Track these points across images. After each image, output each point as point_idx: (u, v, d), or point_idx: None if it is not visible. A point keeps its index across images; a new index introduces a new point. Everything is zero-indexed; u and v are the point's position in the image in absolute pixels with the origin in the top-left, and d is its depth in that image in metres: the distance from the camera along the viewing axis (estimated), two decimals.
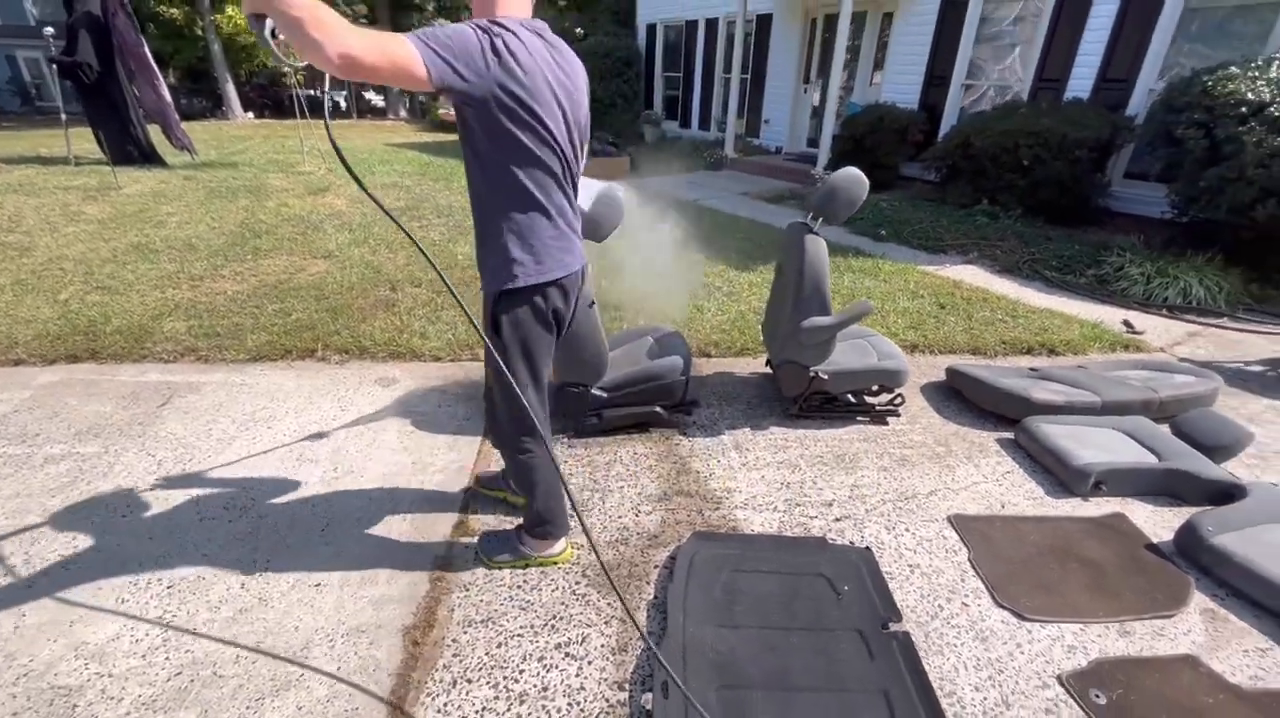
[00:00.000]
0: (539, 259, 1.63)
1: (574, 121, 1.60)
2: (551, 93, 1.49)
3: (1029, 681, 1.71)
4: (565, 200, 1.67)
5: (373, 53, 1.20)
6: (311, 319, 3.81)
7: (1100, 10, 6.65)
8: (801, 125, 10.58)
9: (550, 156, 1.56)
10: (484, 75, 1.37)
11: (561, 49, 1.56)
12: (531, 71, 1.43)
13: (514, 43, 1.40)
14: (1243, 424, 2.70)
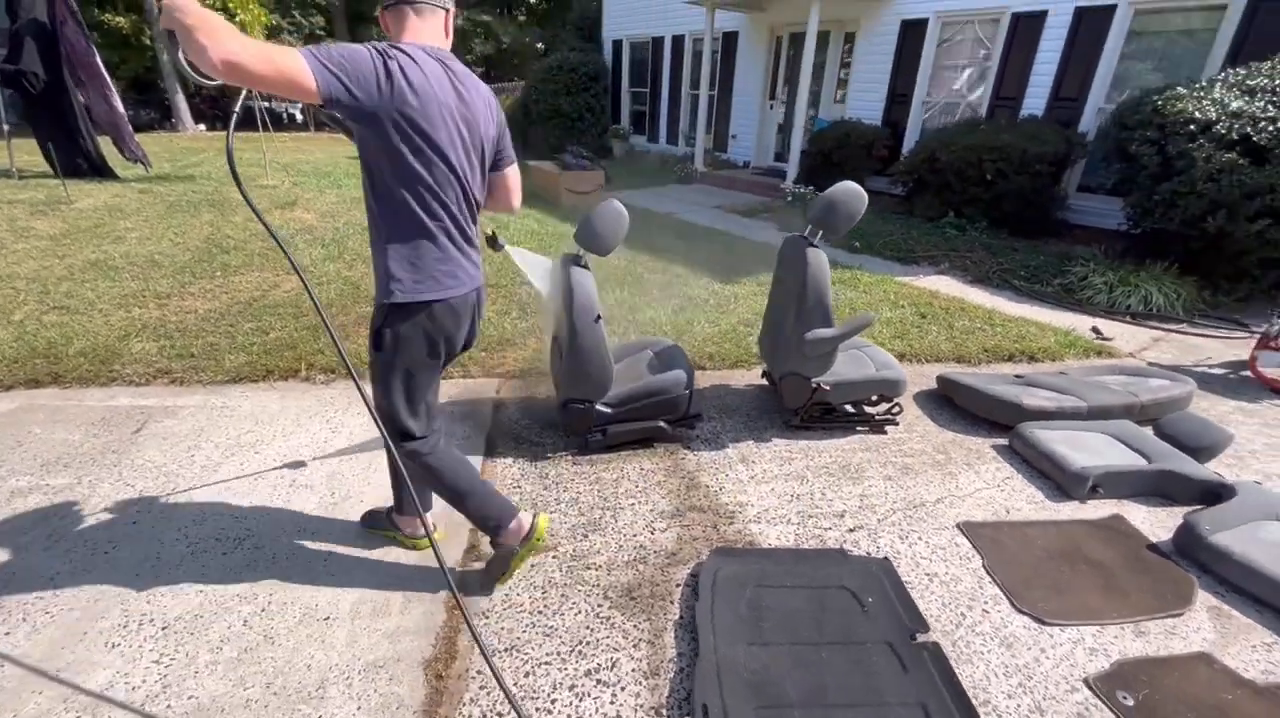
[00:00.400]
0: (418, 278, 1.66)
1: (471, 146, 1.67)
2: (444, 117, 1.56)
3: (1058, 685, 1.74)
4: (455, 223, 1.69)
5: (259, 61, 1.26)
6: (292, 338, 3.66)
7: (1051, 34, 7.02)
8: (768, 140, 10.79)
9: (439, 178, 1.61)
10: (374, 95, 1.43)
11: (464, 77, 1.63)
12: (424, 95, 1.50)
13: (409, 66, 1.48)
14: (1222, 426, 2.84)
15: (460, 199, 1.69)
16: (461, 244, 1.73)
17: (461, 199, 1.70)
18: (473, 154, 1.69)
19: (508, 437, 2.88)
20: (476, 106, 1.67)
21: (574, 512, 2.39)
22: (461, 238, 1.73)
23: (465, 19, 28.60)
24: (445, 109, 1.56)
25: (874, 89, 8.78)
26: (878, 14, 8.50)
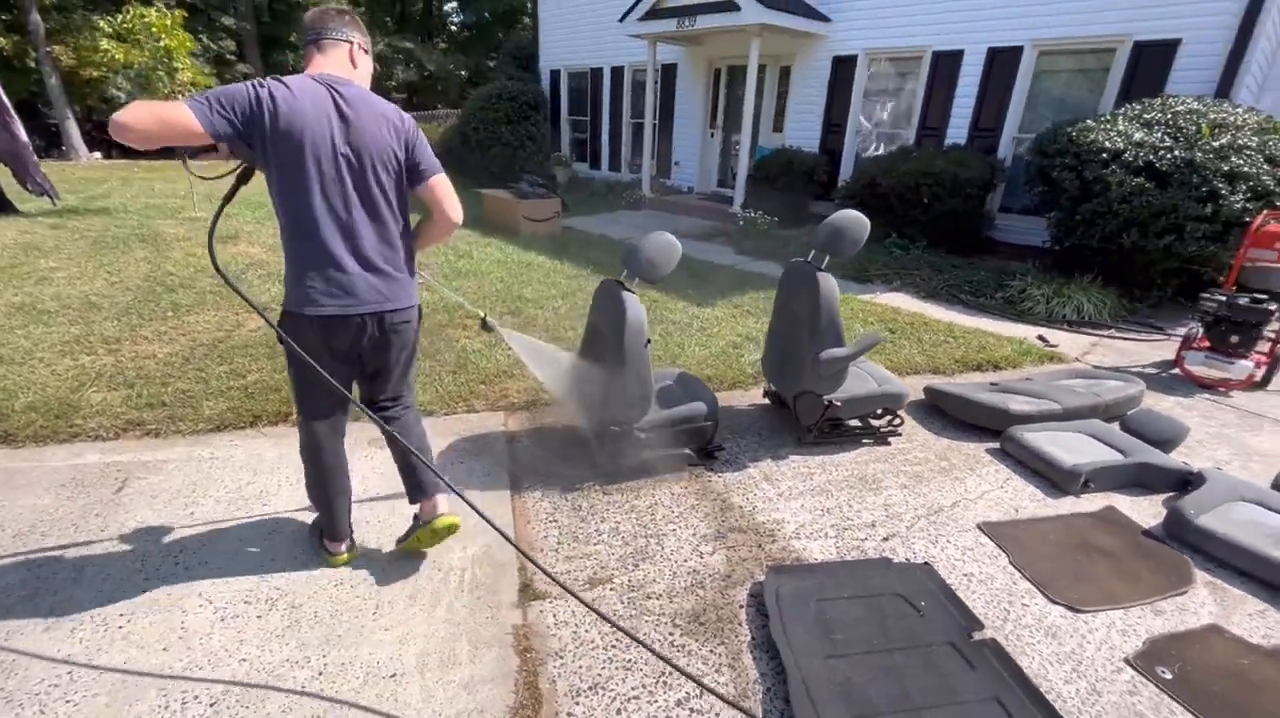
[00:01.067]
0: (295, 290, 1.82)
1: (359, 163, 1.78)
2: (318, 136, 1.70)
3: (1104, 667, 1.89)
4: (339, 245, 1.79)
5: (142, 117, 1.48)
6: (273, 380, 3.45)
7: (968, 71, 7.71)
8: (711, 167, 11.18)
9: (312, 200, 1.74)
10: (249, 120, 1.63)
11: (353, 99, 1.76)
12: (293, 115, 1.66)
13: (280, 91, 1.66)
14: (1177, 419, 3.19)
15: (355, 214, 1.80)
16: (348, 262, 1.81)
17: (356, 215, 1.80)
18: (362, 171, 1.79)
19: (529, 470, 2.83)
20: (365, 125, 1.77)
21: (618, 542, 2.38)
22: (352, 255, 1.82)
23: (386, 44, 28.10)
24: (319, 129, 1.70)
25: (810, 119, 9.32)
26: (811, 50, 9.06)
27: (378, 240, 1.86)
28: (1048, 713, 1.69)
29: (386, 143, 1.82)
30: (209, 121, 1.57)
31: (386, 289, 1.89)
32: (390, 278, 1.89)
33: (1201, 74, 6.21)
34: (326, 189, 1.76)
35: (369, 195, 1.83)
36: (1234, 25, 5.97)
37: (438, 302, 4.73)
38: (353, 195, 1.80)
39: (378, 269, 1.86)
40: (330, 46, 1.84)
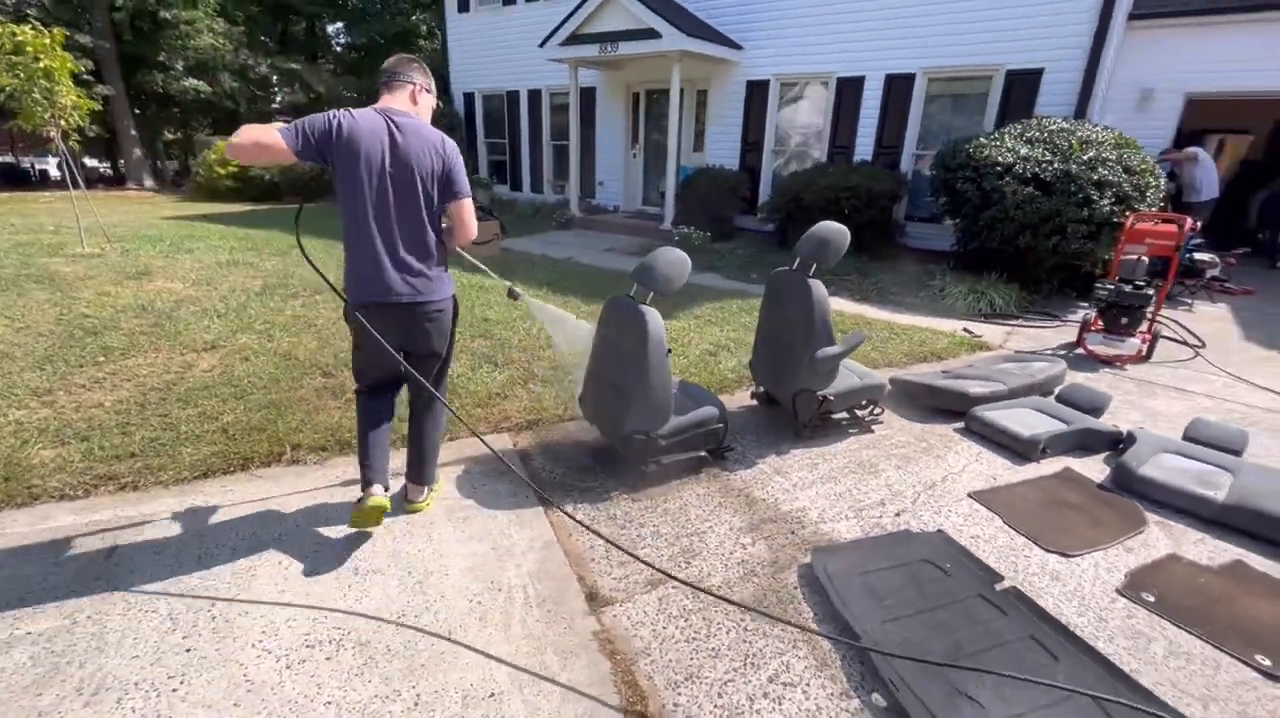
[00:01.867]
0: (347, 282, 2.24)
1: (403, 179, 2.12)
2: (371, 157, 2.07)
3: (1102, 599, 2.22)
4: (380, 246, 2.16)
5: (245, 143, 1.92)
6: (254, 419, 3.24)
7: (870, 95, 8.52)
8: (635, 186, 11.51)
9: (362, 206, 2.11)
10: (324, 141, 2.03)
11: (405, 128, 2.13)
12: (354, 139, 2.05)
13: (347, 120, 2.06)
14: (1100, 390, 3.73)
15: (397, 222, 2.16)
16: (385, 260, 2.17)
17: (398, 223, 2.16)
18: (403, 189, 2.14)
19: (552, 486, 2.87)
20: (411, 149, 2.12)
21: (663, 543, 2.47)
22: (389, 255, 2.17)
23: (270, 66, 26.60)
24: (372, 150, 2.07)
25: (729, 139, 9.87)
26: (726, 75, 9.63)
27: (413, 244, 2.21)
28: (1075, 642, 1.98)
29: (428, 165, 2.17)
30: (291, 142, 1.99)
31: (418, 284, 2.24)
32: (421, 275, 2.24)
33: (1062, 98, 7.26)
34: (374, 199, 2.13)
35: (408, 206, 2.18)
36: (1084, 57, 7.05)
37: None
38: (394, 206, 2.16)
39: (410, 268, 2.21)
40: (397, 87, 2.24)
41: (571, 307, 5.50)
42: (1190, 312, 6.41)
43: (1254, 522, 2.56)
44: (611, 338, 2.89)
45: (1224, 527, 2.63)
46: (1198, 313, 6.38)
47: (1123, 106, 7.55)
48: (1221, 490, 2.72)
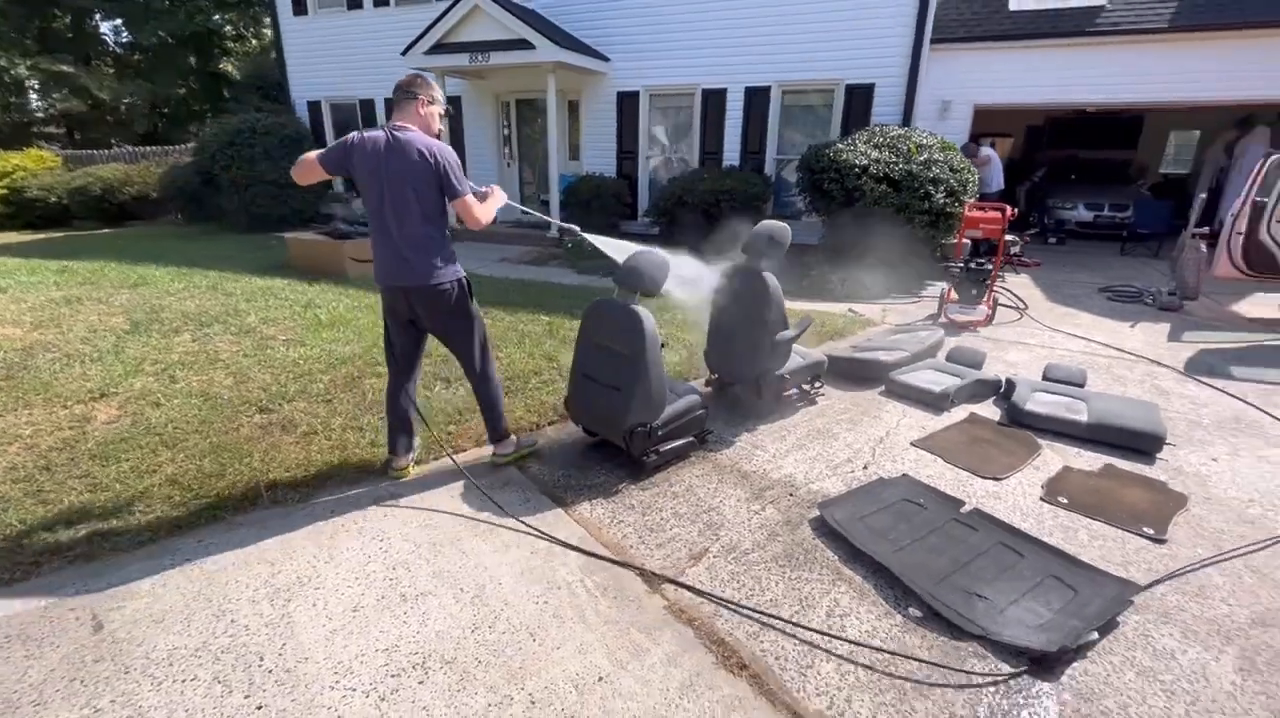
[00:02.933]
0: (375, 269, 2.75)
1: (402, 185, 2.53)
2: (373, 168, 2.52)
3: (1032, 507, 2.80)
4: (381, 234, 2.62)
5: (301, 168, 2.56)
6: (204, 466, 2.91)
7: (733, 105, 9.31)
8: (511, 196, 11.38)
9: (375, 204, 2.59)
10: (342, 160, 2.55)
11: (401, 142, 2.51)
12: (361, 155, 2.52)
13: (356, 139, 2.54)
14: (976, 349, 4.54)
15: (392, 219, 2.57)
16: (398, 248, 2.61)
17: (393, 219, 2.57)
18: (397, 189, 2.54)
19: (560, 487, 2.94)
20: (404, 157, 2.51)
21: (686, 523, 2.68)
22: (392, 246, 2.61)
23: (29, 68, 22.39)
24: (375, 161, 2.51)
25: (605, 148, 10.19)
26: (597, 86, 9.94)
27: (410, 237, 2.62)
28: (1031, 541, 2.51)
29: (418, 171, 2.55)
30: (325, 164, 2.57)
31: (418, 270, 2.65)
32: (419, 262, 2.64)
33: (892, 109, 8.52)
34: (379, 201, 2.58)
35: (403, 206, 2.57)
36: (905, 75, 8.33)
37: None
38: (392, 206, 2.57)
39: (404, 257, 2.63)
40: (404, 103, 2.63)
41: (502, 317, 5.44)
42: (1004, 283, 7.85)
43: (1111, 434, 3.36)
44: (602, 341, 3.02)
45: (1091, 442, 3.41)
46: (1010, 283, 7.84)
47: (929, 115, 8.99)
48: (1084, 415, 3.52)
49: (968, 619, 2.09)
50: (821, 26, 8.54)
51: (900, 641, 2.03)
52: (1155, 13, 9.57)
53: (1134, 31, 9.43)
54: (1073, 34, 9.80)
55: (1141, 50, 9.08)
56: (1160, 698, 1.84)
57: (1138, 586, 2.28)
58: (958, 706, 1.80)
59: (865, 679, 1.89)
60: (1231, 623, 2.13)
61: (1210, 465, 3.21)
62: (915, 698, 1.82)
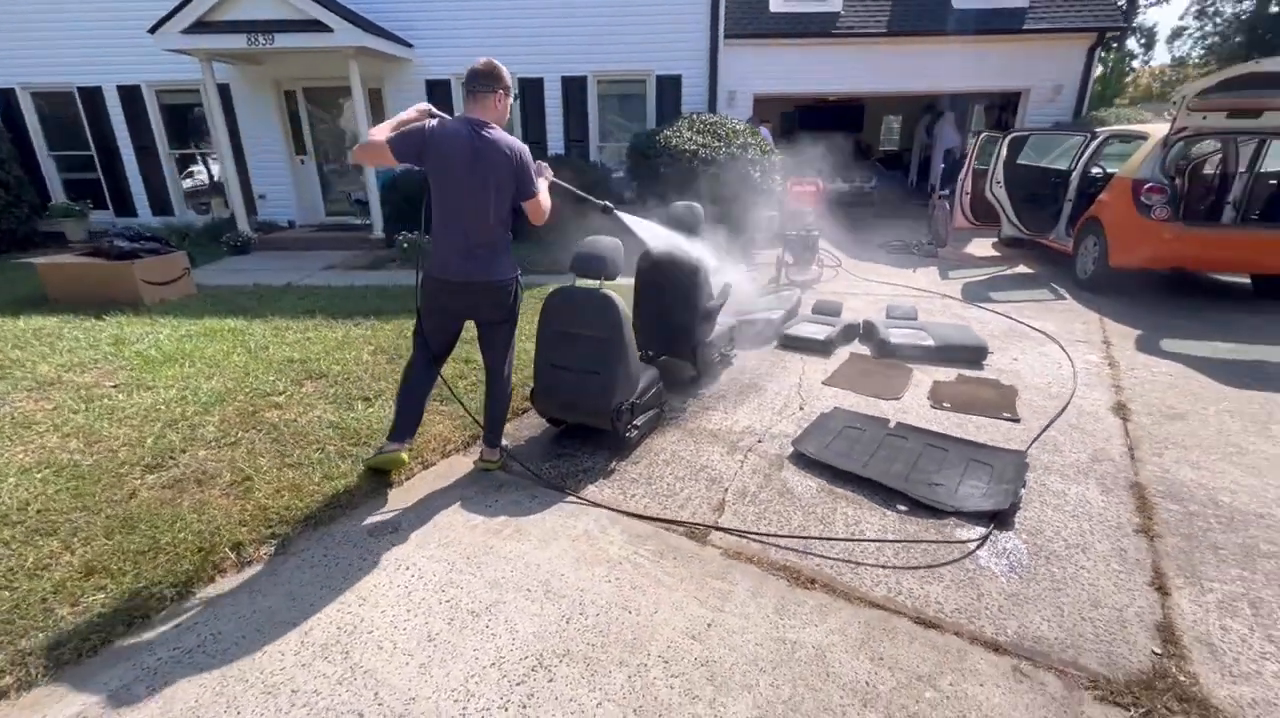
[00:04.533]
0: (432, 261, 2.71)
1: (481, 181, 2.52)
2: (455, 160, 2.47)
3: (929, 414, 3.56)
4: (451, 230, 2.59)
5: (367, 152, 2.44)
6: (122, 544, 2.36)
7: (551, 95, 9.39)
8: (311, 196, 10.11)
9: (449, 196, 2.54)
10: (418, 148, 2.46)
11: (485, 136, 2.50)
12: (442, 145, 2.46)
13: (437, 129, 2.48)
14: (835, 301, 5.39)
15: (471, 216, 2.55)
16: (455, 242, 2.59)
17: (471, 216, 2.55)
18: (479, 188, 2.52)
19: (556, 478, 2.95)
20: (489, 156, 2.51)
21: (692, 482, 2.90)
22: (464, 241, 2.59)
23: None
24: (457, 155, 2.47)
25: None
26: (402, 75, 9.25)
27: (482, 235, 2.61)
28: (948, 438, 3.22)
29: (502, 171, 2.55)
30: (396, 151, 2.44)
31: (480, 266, 2.65)
32: (483, 259, 2.65)
33: (698, 98, 9.35)
34: (457, 198, 2.54)
35: (480, 206, 2.56)
36: (707, 65, 9.20)
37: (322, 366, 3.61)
38: (470, 204, 2.54)
39: (475, 254, 2.63)
40: (482, 95, 2.56)
41: (381, 327, 4.97)
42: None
43: (953, 352, 4.34)
44: (572, 329, 3.07)
45: (940, 360, 4.35)
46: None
47: (721, 104, 10.06)
48: (930, 340, 4.48)
49: (940, 503, 2.66)
50: (631, 19, 9.00)
51: (906, 530, 2.53)
52: (877, 19, 11.76)
53: (863, 34, 11.50)
54: (819, 34, 11.64)
55: (869, 50, 11.13)
56: (1071, 520, 2.57)
57: (1025, 453, 3.09)
58: (965, 563, 2.33)
59: (900, 564, 2.33)
60: (1081, 463, 3.02)
61: (1014, 364, 4.33)
62: (939, 567, 2.31)
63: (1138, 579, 2.24)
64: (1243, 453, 3.11)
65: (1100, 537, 2.48)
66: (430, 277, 2.70)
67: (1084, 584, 2.22)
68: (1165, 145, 5.76)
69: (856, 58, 11.30)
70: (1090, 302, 5.88)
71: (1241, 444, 3.19)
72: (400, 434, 2.85)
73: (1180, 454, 3.09)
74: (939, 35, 11.06)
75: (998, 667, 1.88)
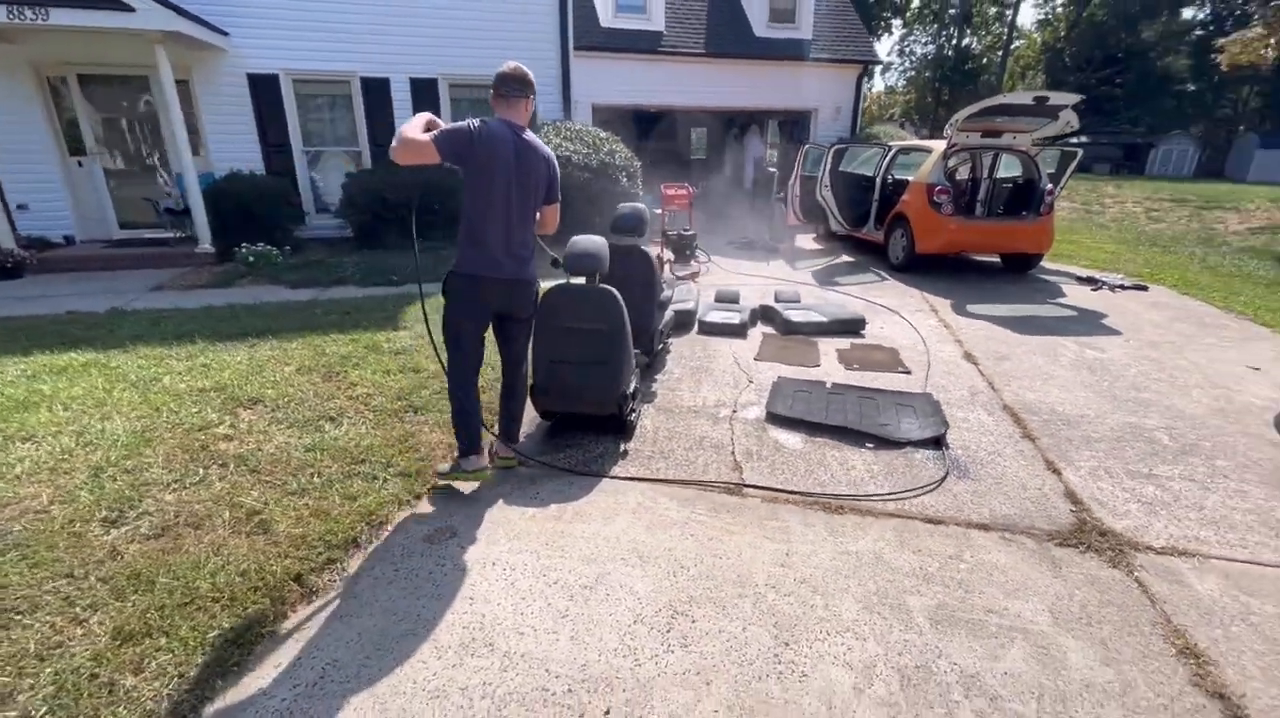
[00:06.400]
0: (461, 258, 2.68)
1: (520, 184, 2.63)
2: (500, 164, 2.54)
3: (846, 373, 4.33)
4: (493, 230, 2.62)
5: (400, 141, 2.33)
6: (176, 594, 2.05)
7: (399, 100, 8.92)
8: (98, 207, 8.30)
9: (491, 198, 2.59)
10: (466, 149, 2.46)
11: (527, 141, 2.63)
12: (490, 148, 2.51)
13: (484, 131, 2.49)
14: (734, 289, 6.06)
15: (516, 217, 2.66)
16: (499, 245, 2.65)
17: (517, 217, 2.66)
18: (522, 190, 2.64)
19: (581, 465, 3.11)
20: (530, 161, 2.65)
21: (700, 451, 3.26)
22: (504, 241, 2.65)
23: None
24: (504, 156, 2.54)
25: (242, 140, 8.43)
26: (216, 66, 8.07)
27: (522, 234, 2.74)
28: (874, 390, 3.98)
29: (540, 175, 2.73)
30: (443, 151, 2.39)
31: (521, 266, 2.77)
32: (524, 259, 2.78)
33: (554, 106, 9.58)
34: (500, 198, 2.60)
35: (523, 206, 2.69)
36: (560, 73, 9.46)
37: None
38: (514, 205, 2.64)
39: (515, 254, 2.73)
40: (516, 100, 2.64)
41: (289, 346, 4.47)
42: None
43: (842, 325, 5.24)
44: (574, 324, 3.22)
45: (832, 333, 5.22)
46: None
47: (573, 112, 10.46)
48: (822, 317, 5.34)
49: (896, 437, 3.36)
50: (480, 22, 8.91)
51: (887, 463, 3.16)
52: (696, 40, 13.01)
53: (685, 54, 12.68)
54: (647, 51, 12.58)
55: (690, 68, 12.31)
56: (981, 437, 3.43)
57: (930, 394, 3.96)
58: (936, 469, 3.02)
59: (887, 483, 2.95)
60: (964, 397, 3.96)
61: (883, 331, 5.36)
62: (923, 478, 2.97)
63: (1039, 467, 3.12)
64: (1051, 378, 4.32)
65: (1004, 444, 3.36)
66: (474, 275, 2.67)
67: (1011, 476, 3.03)
68: (945, 157, 7.42)
69: (680, 75, 12.43)
70: (908, 280, 7.35)
71: (1049, 373, 4.42)
72: (476, 444, 2.88)
73: (1019, 384, 4.21)
74: (747, 58, 12.63)
75: (991, 539, 2.55)
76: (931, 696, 1.82)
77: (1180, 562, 2.43)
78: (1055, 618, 2.13)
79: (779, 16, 13.53)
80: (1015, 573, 2.35)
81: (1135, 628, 2.09)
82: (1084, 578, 2.33)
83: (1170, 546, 2.52)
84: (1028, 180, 7.81)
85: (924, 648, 1.99)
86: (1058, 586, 2.28)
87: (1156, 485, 2.96)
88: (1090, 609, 2.17)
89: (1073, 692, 1.84)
